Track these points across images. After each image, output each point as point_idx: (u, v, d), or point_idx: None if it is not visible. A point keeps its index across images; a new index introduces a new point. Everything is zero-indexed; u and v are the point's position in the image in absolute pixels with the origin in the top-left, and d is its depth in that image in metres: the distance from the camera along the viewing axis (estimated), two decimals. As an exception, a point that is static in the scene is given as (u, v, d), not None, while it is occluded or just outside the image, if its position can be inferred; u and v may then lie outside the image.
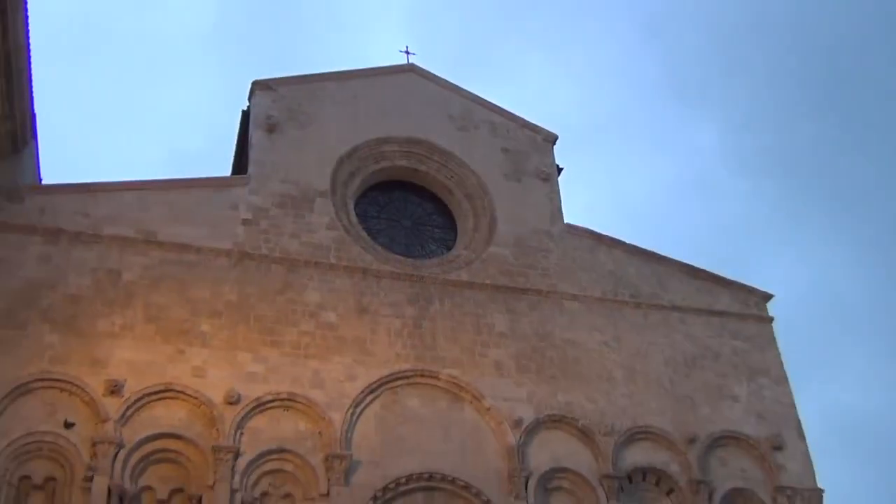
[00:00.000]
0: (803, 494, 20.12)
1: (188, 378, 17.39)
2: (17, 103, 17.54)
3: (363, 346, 19.07)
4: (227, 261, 19.22)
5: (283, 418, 17.69)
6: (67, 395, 16.58)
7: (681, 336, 21.89)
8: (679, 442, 19.98)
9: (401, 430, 18.34)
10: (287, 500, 17.08)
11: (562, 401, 19.77)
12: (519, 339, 20.39)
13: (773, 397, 21.57)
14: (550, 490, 18.77)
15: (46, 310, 17.31)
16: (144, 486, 16.37)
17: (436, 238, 22.64)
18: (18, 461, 15.81)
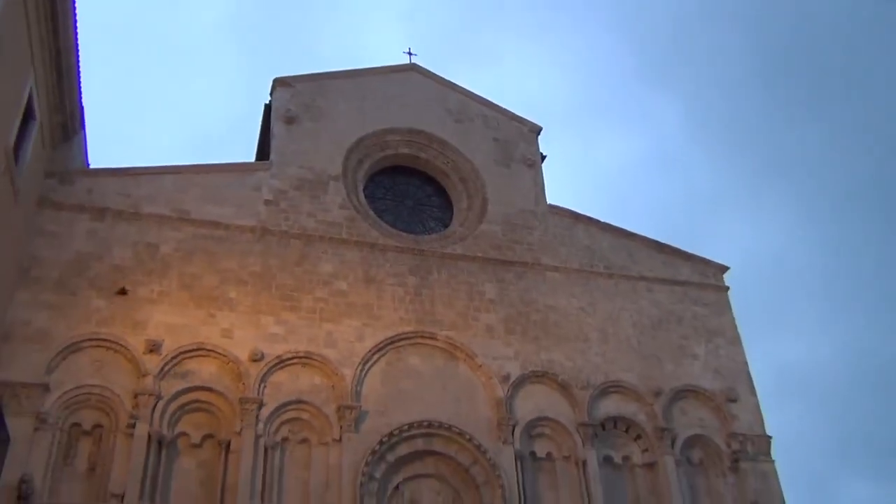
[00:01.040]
0: (753, 440, 20.15)
1: (218, 338, 17.34)
2: (67, 97, 17.35)
3: (371, 311, 19.01)
4: (252, 236, 19.11)
5: (301, 373, 17.66)
6: (112, 353, 16.53)
7: (648, 302, 21.84)
8: (646, 395, 19.99)
9: (403, 384, 18.31)
10: (304, 445, 17.07)
11: (544, 359, 19.74)
12: (507, 305, 20.33)
13: (728, 356, 21.57)
14: (534, 436, 18.78)
15: (94, 279, 17.22)
16: (180, 433, 16.36)
17: (434, 216, 22.51)
18: (69, 410, 15.79)
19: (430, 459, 17.70)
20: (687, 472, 19.39)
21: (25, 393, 15.33)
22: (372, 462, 16.87)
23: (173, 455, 16.11)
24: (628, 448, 19.45)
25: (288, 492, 16.36)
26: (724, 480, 19.52)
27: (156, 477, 15.56)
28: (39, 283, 16.70)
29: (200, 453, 16.31)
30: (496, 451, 17.79)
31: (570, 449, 18.65)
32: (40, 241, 17.21)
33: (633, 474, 19.14)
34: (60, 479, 15.14)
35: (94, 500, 15.03)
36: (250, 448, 16.19)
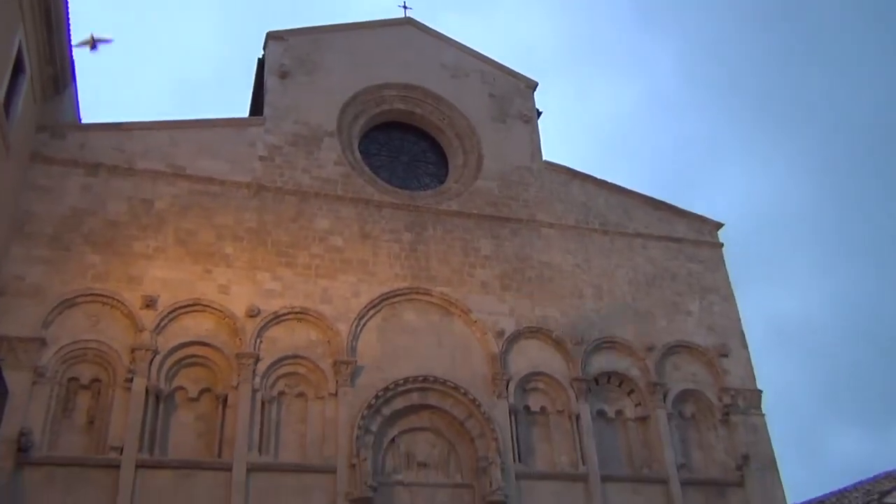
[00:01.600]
0: (745, 395, 20.38)
1: (214, 294, 17.35)
2: (57, 49, 17.07)
3: (366, 267, 19.00)
4: (247, 192, 19.00)
5: (297, 329, 17.71)
6: (108, 309, 16.55)
7: (643, 259, 21.87)
8: (639, 350, 20.13)
9: (399, 339, 18.39)
10: (301, 399, 17.21)
11: (539, 315, 19.82)
12: (502, 261, 20.34)
13: (721, 312, 21.69)
14: (528, 391, 18.94)
15: (88, 234, 17.15)
16: (177, 387, 16.46)
17: (430, 173, 22.38)
18: (67, 364, 15.85)
19: (426, 413, 17.85)
20: (679, 425, 19.62)
21: (22, 347, 15.37)
22: (368, 416, 17.01)
23: (171, 409, 16.22)
24: (621, 402, 19.65)
25: (285, 444, 16.52)
26: (715, 433, 19.78)
27: (154, 430, 15.69)
28: (33, 239, 16.63)
29: (198, 407, 16.43)
30: (491, 405, 17.95)
31: (564, 403, 18.82)
32: (33, 196, 17.09)
33: (626, 428, 19.36)
34: (59, 432, 15.26)
35: (93, 453, 15.17)
36: (247, 402, 16.30)
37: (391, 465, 17.16)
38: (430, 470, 17.34)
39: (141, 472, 15.08)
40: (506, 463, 17.25)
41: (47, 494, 14.44)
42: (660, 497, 18.34)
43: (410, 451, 17.40)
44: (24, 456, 14.51)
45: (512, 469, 17.36)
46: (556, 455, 18.23)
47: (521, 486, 17.36)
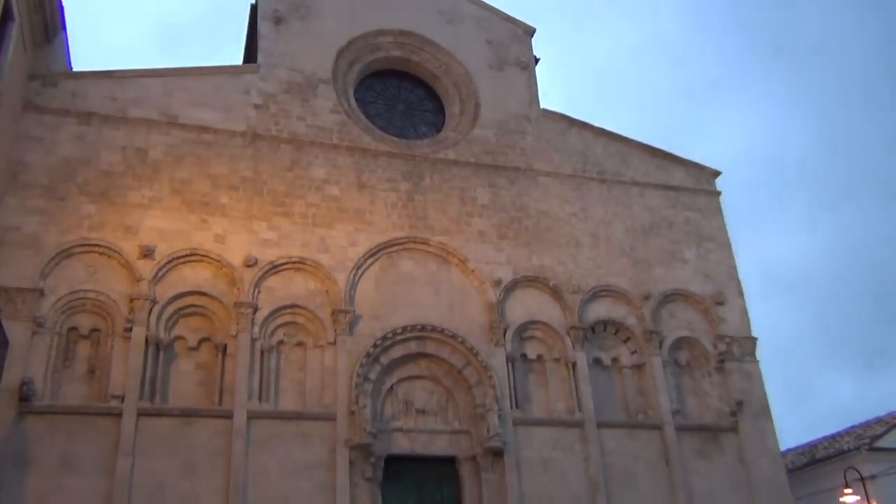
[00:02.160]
0: (740, 342, 20.60)
1: (211, 244, 17.36)
2: (46, -4, 16.78)
3: (363, 216, 18.99)
4: (242, 141, 18.86)
5: (295, 278, 17.78)
6: (105, 259, 16.57)
7: (640, 208, 21.87)
8: (636, 298, 20.27)
9: (397, 288, 18.48)
10: (299, 348, 17.36)
11: (536, 264, 19.89)
12: (499, 210, 20.33)
13: (717, 260, 21.78)
14: (525, 339, 19.12)
15: (83, 184, 17.07)
16: (177, 336, 16.59)
17: (426, 121, 22.20)
18: (66, 314, 15.94)
19: (424, 361, 18.04)
20: (674, 372, 19.88)
21: (21, 298, 15.43)
22: (366, 364, 17.18)
23: (171, 358, 16.37)
24: (617, 350, 19.86)
25: (284, 392, 16.73)
26: (710, 380, 20.05)
27: (154, 378, 15.86)
28: (27, 189, 16.56)
29: (197, 356, 16.57)
30: (488, 354, 18.13)
31: (561, 351, 19.02)
32: (26, 146, 16.96)
33: (622, 375, 19.61)
34: (61, 381, 15.43)
35: (94, 401, 15.36)
36: (246, 351, 16.45)
37: (390, 412, 17.40)
38: (429, 417, 17.60)
39: (142, 420, 15.29)
40: (503, 410, 17.51)
41: (50, 442, 14.66)
42: (655, 442, 18.67)
43: (409, 399, 17.63)
44: (26, 405, 14.69)
45: (509, 416, 17.62)
46: (553, 402, 18.49)
47: (518, 433, 17.65)
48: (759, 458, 19.22)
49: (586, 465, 17.83)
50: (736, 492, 18.75)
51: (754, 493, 18.79)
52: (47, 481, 14.37)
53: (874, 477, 21.78)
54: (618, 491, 17.83)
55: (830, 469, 22.83)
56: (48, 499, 14.27)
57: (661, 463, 18.47)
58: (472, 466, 17.26)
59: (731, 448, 19.25)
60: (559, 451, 17.86)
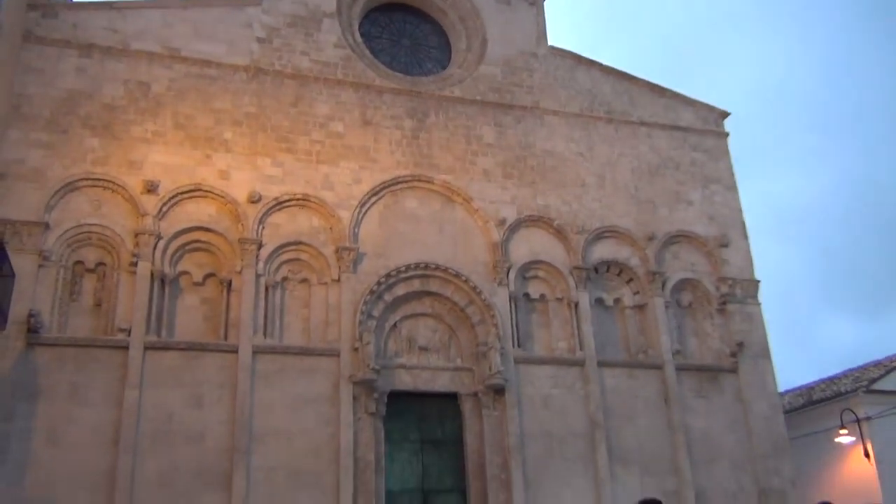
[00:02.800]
0: (742, 284, 20.78)
1: (215, 180, 17.41)
2: (43, -78, 16.46)
3: (367, 153, 18.97)
4: (245, 76, 18.72)
5: (299, 215, 17.88)
6: (110, 193, 16.64)
7: (647, 148, 21.81)
8: (640, 239, 20.37)
9: (401, 227, 18.59)
10: (304, 284, 17.56)
11: (540, 203, 19.94)
12: (504, 149, 20.28)
13: (722, 202, 21.81)
14: (528, 278, 19.30)
15: (85, 117, 17.03)
16: (182, 271, 16.77)
17: (432, 57, 21.96)
18: (71, 248, 16.11)
19: (427, 299, 18.26)
20: (676, 313, 20.11)
21: (26, 231, 15.57)
22: (370, 301, 17.41)
23: (176, 292, 16.59)
24: (620, 290, 20.06)
25: (289, 328, 16.99)
26: (711, 321, 20.30)
27: (160, 313, 16.12)
28: (30, 121, 16.54)
29: (203, 291, 16.79)
30: (491, 292, 18.34)
31: (563, 291, 19.22)
32: (28, 78, 16.88)
33: (624, 315, 19.84)
34: (67, 314, 15.68)
35: (101, 334, 15.63)
36: (251, 286, 16.66)
37: (393, 349, 17.69)
38: (431, 354, 17.90)
39: (149, 353, 15.59)
40: (505, 348, 17.80)
41: (58, 373, 14.98)
42: (654, 381, 19.02)
43: (412, 336, 17.91)
44: (34, 336, 14.97)
45: (511, 354, 17.92)
46: (555, 341, 18.77)
47: (519, 370, 17.97)
48: (756, 399, 19.60)
49: (586, 403, 18.20)
50: (733, 431, 19.18)
51: (751, 432, 19.22)
52: (57, 411, 14.75)
53: (870, 418, 22.18)
54: (617, 428, 18.24)
55: (827, 410, 23.21)
56: (58, 428, 14.66)
57: (660, 401, 18.86)
58: (474, 403, 17.64)
59: (729, 388, 19.61)
60: (560, 388, 18.21)
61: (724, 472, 18.69)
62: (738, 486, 18.68)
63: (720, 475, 18.63)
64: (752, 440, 19.16)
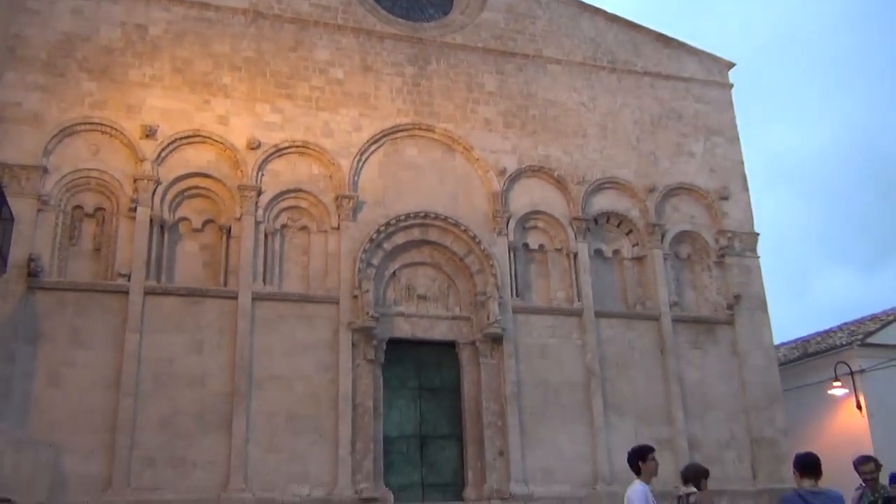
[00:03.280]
0: (741, 237, 20.84)
1: (214, 125, 17.33)
2: None
3: (367, 100, 18.85)
4: (244, 19, 18.49)
5: (299, 162, 17.84)
6: (108, 138, 16.58)
7: (649, 99, 21.65)
8: (640, 191, 20.37)
9: (401, 175, 18.57)
10: (303, 232, 17.61)
11: (541, 153, 19.89)
12: (506, 97, 20.14)
13: (724, 154, 21.74)
14: (528, 229, 19.36)
15: (82, 60, 16.87)
16: (181, 217, 16.81)
17: (433, 3, 21.61)
18: (70, 193, 16.12)
19: (426, 248, 18.34)
20: (674, 265, 20.22)
21: (25, 175, 15.57)
22: (369, 250, 17.49)
23: (176, 238, 16.66)
24: (619, 242, 20.13)
25: (288, 275, 17.11)
26: (709, 274, 20.43)
27: (160, 258, 16.21)
28: (27, 64, 16.40)
29: (202, 237, 16.86)
30: (490, 242, 18.41)
31: (563, 242, 19.29)
32: (23, 19, 16.68)
33: (622, 267, 19.96)
34: (67, 259, 15.77)
35: (101, 279, 15.74)
36: (250, 233, 16.72)
37: (392, 297, 17.83)
38: (430, 302, 18.05)
39: (149, 299, 15.72)
40: (503, 297, 17.94)
41: (60, 318, 15.13)
42: (651, 332, 19.22)
43: (411, 285, 18.04)
44: (34, 280, 15.07)
45: (509, 303, 18.08)
46: (553, 291, 18.91)
47: (517, 320, 18.15)
48: (752, 351, 19.84)
49: (583, 353, 18.43)
50: (727, 382, 19.46)
51: (745, 383, 19.50)
52: (58, 355, 14.94)
53: (863, 371, 22.46)
54: (612, 378, 18.50)
55: (822, 363, 23.46)
56: (60, 371, 14.87)
57: (657, 352, 19.09)
58: (472, 351, 17.85)
59: (725, 340, 19.83)
60: (557, 338, 18.41)
61: (717, 422, 19.02)
62: (730, 435, 19.02)
63: (713, 425, 18.96)
64: (746, 391, 19.45)
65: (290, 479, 15.63)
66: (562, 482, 17.28)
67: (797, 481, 6.86)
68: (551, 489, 17.07)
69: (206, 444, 15.30)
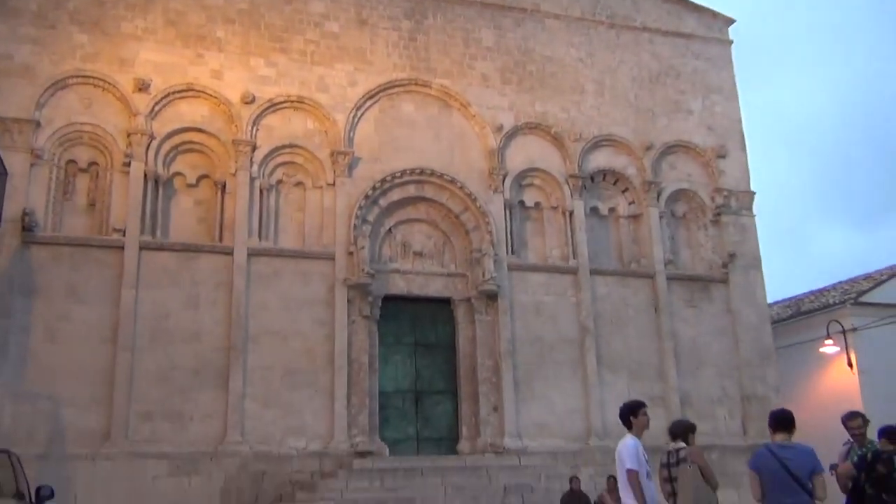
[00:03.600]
0: (738, 196, 20.82)
1: (207, 79, 17.16)
2: None
3: (363, 55, 18.65)
4: (237, -30, 18.20)
5: (294, 117, 17.71)
6: (101, 91, 16.43)
7: (648, 55, 21.44)
8: (637, 149, 20.28)
9: (397, 131, 18.46)
10: (299, 188, 17.57)
11: (538, 110, 19.76)
12: (503, 53, 19.94)
13: (722, 112, 21.61)
14: (524, 186, 19.31)
15: (73, 12, 16.63)
16: (175, 172, 16.74)
17: (431, -45, 21.26)
18: (63, 147, 16.02)
19: (422, 205, 18.32)
20: (669, 223, 20.23)
21: (17, 128, 15.46)
22: (365, 206, 17.47)
23: (170, 194, 16.61)
24: (615, 200, 20.11)
25: (284, 231, 17.11)
26: (705, 232, 20.45)
27: (155, 214, 16.18)
28: (17, 16, 16.16)
29: (197, 192, 16.81)
30: (486, 199, 18.39)
31: (559, 199, 19.27)
32: (13, -31, 16.39)
33: (618, 225, 19.97)
34: (62, 213, 15.75)
35: (96, 234, 15.73)
36: (245, 189, 16.67)
37: (388, 253, 17.87)
38: (425, 259, 18.09)
39: (144, 254, 15.74)
40: (499, 255, 17.98)
41: (55, 272, 15.16)
42: (645, 290, 19.31)
43: (406, 241, 18.06)
44: (29, 235, 15.06)
45: (504, 261, 18.12)
46: (548, 249, 18.95)
47: (512, 277, 18.21)
48: (745, 309, 19.96)
49: (577, 310, 18.53)
50: (720, 339, 19.61)
51: (738, 341, 19.66)
52: (54, 309, 14.99)
53: (856, 330, 22.64)
54: (606, 335, 18.64)
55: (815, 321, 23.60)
56: (56, 326, 14.94)
57: (651, 310, 19.20)
58: (467, 308, 17.95)
59: (719, 298, 19.94)
60: (552, 295, 18.50)
61: (709, 379, 19.22)
62: (722, 391, 19.24)
63: (705, 381, 19.17)
64: (739, 349, 19.63)
65: (286, 432, 15.82)
66: (555, 437, 17.52)
67: (770, 436, 6.98)
68: (544, 443, 17.31)
69: (204, 399, 15.45)
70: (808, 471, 6.59)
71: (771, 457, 6.71)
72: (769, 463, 6.70)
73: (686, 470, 7.12)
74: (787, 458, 6.62)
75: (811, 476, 6.58)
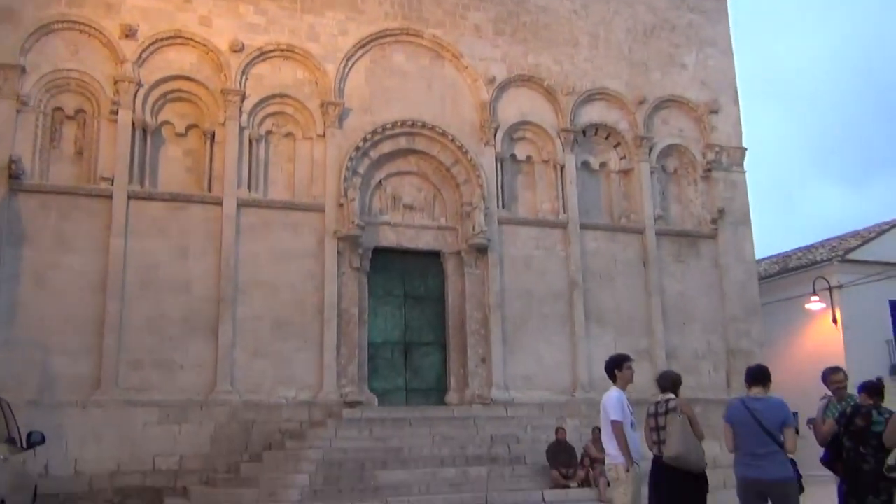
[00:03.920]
0: (729, 151, 20.81)
1: (196, 27, 16.88)
2: None
3: (354, 4, 18.34)
4: (226, -86, 17.77)
5: (283, 67, 17.49)
6: (87, 37, 16.15)
7: (643, 8, 21.16)
8: (630, 103, 20.16)
9: (388, 82, 18.27)
10: (288, 139, 17.43)
11: (531, 62, 19.57)
12: (497, 3, 19.63)
13: (716, 67, 21.45)
14: (515, 139, 19.23)
15: (58, -46, 16.27)
16: (164, 121, 16.56)
17: None
18: (50, 94, 15.80)
19: (413, 158, 18.24)
20: (660, 178, 20.24)
21: (2, 74, 15.23)
22: (355, 158, 17.37)
23: (159, 143, 16.46)
24: (606, 154, 20.07)
25: (273, 183, 17.02)
26: (695, 188, 20.49)
27: (143, 163, 16.06)
28: (0, -43, 15.80)
29: (186, 142, 16.67)
30: (477, 152, 18.31)
31: (550, 153, 19.21)
32: None
33: (609, 179, 19.96)
34: (49, 161, 15.59)
35: (84, 183, 15.62)
36: (235, 139, 16.53)
37: (378, 206, 17.84)
38: (416, 212, 18.09)
39: (133, 203, 15.66)
40: (489, 208, 17.98)
41: (43, 220, 15.09)
42: (634, 245, 19.41)
43: (397, 194, 18.02)
44: (16, 182, 14.94)
45: (495, 214, 18.14)
46: (539, 203, 18.96)
47: (502, 231, 18.26)
48: (733, 264, 20.11)
49: (567, 264, 18.63)
50: (707, 295, 19.79)
51: (724, 296, 19.84)
52: (43, 257, 14.96)
53: (841, 287, 22.90)
54: (595, 289, 18.77)
55: (802, 278, 23.88)
56: (45, 274, 14.92)
57: (639, 265, 19.33)
58: (457, 261, 18.01)
59: (707, 254, 20.07)
60: (542, 249, 18.58)
61: (695, 334, 19.44)
62: (707, 346, 19.48)
63: (691, 336, 19.39)
64: (725, 304, 19.82)
65: (276, 382, 15.98)
66: (542, 389, 17.76)
67: (746, 390, 7.17)
68: (531, 395, 17.55)
69: (193, 348, 15.55)
70: (778, 423, 6.79)
71: (743, 409, 6.92)
72: (741, 415, 6.91)
73: (676, 419, 7.31)
74: (759, 409, 6.82)
75: (782, 428, 6.77)
